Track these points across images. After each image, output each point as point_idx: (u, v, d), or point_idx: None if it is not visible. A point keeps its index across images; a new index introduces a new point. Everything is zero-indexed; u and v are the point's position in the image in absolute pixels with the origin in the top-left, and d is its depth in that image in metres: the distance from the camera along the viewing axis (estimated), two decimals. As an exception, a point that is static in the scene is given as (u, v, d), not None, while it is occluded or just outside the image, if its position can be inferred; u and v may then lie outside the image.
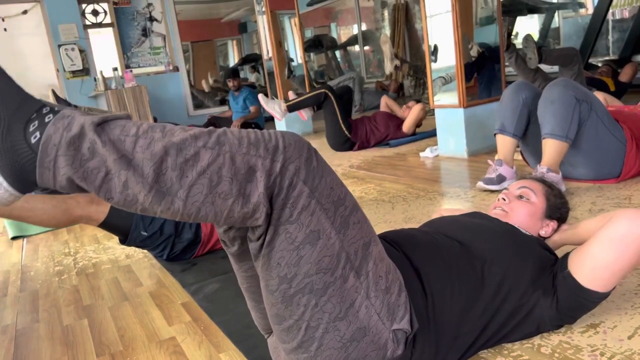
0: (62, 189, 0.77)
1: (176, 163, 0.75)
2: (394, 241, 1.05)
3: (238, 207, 0.77)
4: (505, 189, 1.33)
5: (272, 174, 0.77)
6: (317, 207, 0.81)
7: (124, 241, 1.82)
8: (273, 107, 4.04)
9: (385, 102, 4.22)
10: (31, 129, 0.74)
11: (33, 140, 0.74)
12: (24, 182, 0.76)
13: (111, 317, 1.57)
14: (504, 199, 1.28)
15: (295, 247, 0.81)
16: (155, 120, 6.23)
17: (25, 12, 6.57)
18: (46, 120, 0.75)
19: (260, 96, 4.18)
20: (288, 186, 0.78)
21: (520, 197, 1.27)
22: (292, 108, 4.04)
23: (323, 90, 3.96)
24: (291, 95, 4.19)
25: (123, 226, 1.78)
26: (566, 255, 1.07)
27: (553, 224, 1.26)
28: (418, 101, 4.10)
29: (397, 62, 6.19)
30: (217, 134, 0.78)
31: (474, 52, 3.14)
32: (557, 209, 1.27)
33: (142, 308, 1.60)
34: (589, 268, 1.00)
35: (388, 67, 6.37)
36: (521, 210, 1.24)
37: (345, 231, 0.84)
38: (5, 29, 6.51)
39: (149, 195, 0.75)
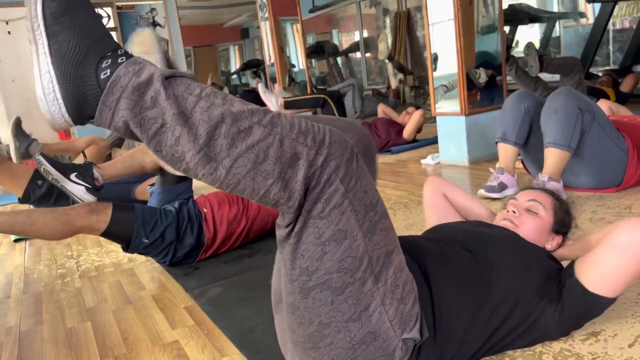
0: (116, 130, 0.79)
1: (229, 132, 0.77)
2: (404, 248, 1.06)
3: (275, 189, 0.79)
4: (513, 198, 1.31)
5: (314, 165, 0.79)
6: (349, 208, 0.82)
7: (126, 249, 1.84)
8: (270, 99, 4.06)
9: (382, 110, 4.23)
10: (104, 65, 0.77)
11: (102, 77, 0.77)
12: (81, 114, 0.79)
13: (114, 320, 1.58)
14: (514, 212, 1.25)
15: (321, 243, 0.82)
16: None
17: (29, 15, 6.59)
18: (119, 61, 0.77)
19: (260, 85, 4.20)
20: (325, 181, 0.80)
21: (529, 210, 1.25)
22: (288, 105, 4.06)
23: (322, 95, 3.99)
24: (276, 88, 4.19)
25: (125, 234, 1.80)
26: (572, 264, 1.08)
27: (558, 239, 1.25)
28: (418, 107, 4.11)
29: (401, 76, 6.20)
30: (272, 115, 0.80)
31: (483, 79, 3.16)
32: (564, 224, 1.26)
33: (145, 311, 1.61)
34: (597, 274, 1.01)
35: (393, 83, 6.39)
36: (530, 224, 1.22)
37: (372, 236, 0.85)
38: (9, 32, 6.54)
39: (197, 156, 0.77)
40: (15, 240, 2.70)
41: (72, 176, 1.82)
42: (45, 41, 0.77)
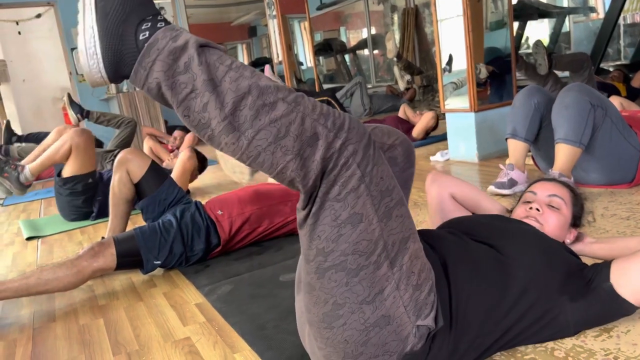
0: (149, 91, 0.82)
1: (255, 104, 0.79)
2: (425, 240, 1.06)
3: (293, 166, 0.81)
4: (531, 192, 1.30)
5: (332, 148, 0.81)
6: (365, 192, 0.84)
7: (143, 272, 1.88)
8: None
9: (404, 111, 4.23)
10: (143, 27, 0.81)
11: (141, 37, 0.80)
12: (117, 71, 0.83)
13: (126, 317, 1.59)
14: (538, 210, 1.23)
15: (337, 225, 0.84)
16: (165, 123, 6.27)
17: (39, 15, 6.65)
18: (158, 25, 0.81)
19: (267, 67, 4.21)
20: (343, 164, 0.82)
21: (550, 206, 1.24)
22: None
23: (325, 97, 3.99)
24: (267, 70, 4.15)
25: (136, 262, 1.84)
26: (607, 267, 1.06)
27: (574, 232, 1.25)
28: (432, 110, 4.13)
29: (409, 77, 6.19)
30: (296, 94, 0.83)
31: (483, 75, 3.14)
32: (579, 218, 1.26)
33: (156, 308, 1.62)
34: (637, 285, 1.01)
35: (401, 85, 6.38)
36: (554, 221, 1.21)
37: (387, 221, 0.87)
38: (19, 33, 6.61)
39: (222, 124, 0.79)
40: (28, 238, 2.73)
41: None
42: None
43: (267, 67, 4.20)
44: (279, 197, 2.07)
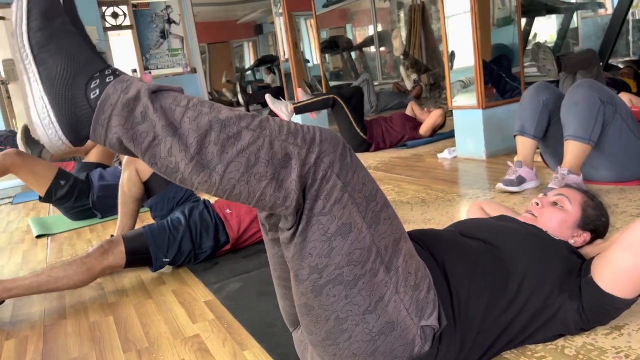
0: (111, 147, 0.81)
1: (219, 138, 0.78)
2: (420, 240, 1.06)
3: (270, 191, 0.80)
4: (544, 194, 1.31)
5: (307, 164, 0.80)
6: (350, 201, 0.83)
7: (152, 269, 1.89)
8: (280, 107, 4.08)
9: (412, 108, 4.21)
10: (92, 85, 0.80)
11: (92, 96, 0.79)
12: (77, 134, 0.82)
13: (136, 314, 1.60)
14: (537, 204, 1.26)
15: (328, 239, 0.83)
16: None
17: (47, 15, 6.68)
18: (107, 80, 0.80)
19: (267, 96, 4.22)
20: (322, 178, 0.81)
21: (555, 204, 1.25)
22: (299, 110, 4.07)
23: (331, 95, 3.98)
24: (300, 94, 4.18)
25: (145, 260, 1.85)
26: (590, 261, 1.07)
27: (586, 236, 1.23)
28: (440, 108, 4.11)
29: (415, 77, 6.17)
30: (260, 119, 0.82)
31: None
32: (592, 221, 1.24)
33: (166, 306, 1.63)
34: (610, 273, 0.99)
35: (408, 84, 6.37)
36: (552, 217, 1.22)
37: (376, 226, 0.86)
38: (27, 32, 6.62)
39: (190, 165, 0.78)
40: (38, 237, 2.75)
41: None
42: (35, 69, 0.80)
43: (267, 97, 4.18)
44: None
